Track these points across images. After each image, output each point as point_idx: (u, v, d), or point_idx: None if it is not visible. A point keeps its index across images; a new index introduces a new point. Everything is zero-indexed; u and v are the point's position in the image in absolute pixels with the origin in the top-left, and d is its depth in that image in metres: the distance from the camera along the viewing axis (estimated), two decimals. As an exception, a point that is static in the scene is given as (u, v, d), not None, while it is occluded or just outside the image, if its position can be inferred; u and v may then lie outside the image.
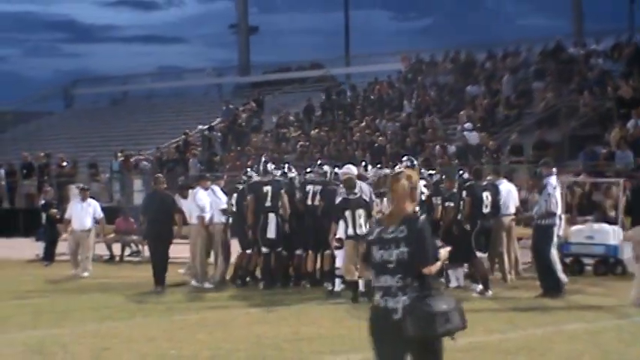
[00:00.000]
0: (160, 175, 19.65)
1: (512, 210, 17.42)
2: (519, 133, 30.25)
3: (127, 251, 24.73)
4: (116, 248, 24.56)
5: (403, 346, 6.36)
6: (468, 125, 31.42)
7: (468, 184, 16.21)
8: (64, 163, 37.38)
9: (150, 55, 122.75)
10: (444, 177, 17.67)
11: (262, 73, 51.89)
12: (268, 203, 16.81)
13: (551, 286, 14.79)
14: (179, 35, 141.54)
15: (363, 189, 15.79)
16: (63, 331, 12.25)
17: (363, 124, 34.71)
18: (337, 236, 15.02)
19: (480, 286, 15.34)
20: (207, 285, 17.13)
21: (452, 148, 30.71)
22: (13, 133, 49.64)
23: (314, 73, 48.44)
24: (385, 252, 6.46)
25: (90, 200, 21.49)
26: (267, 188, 16.93)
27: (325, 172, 17.24)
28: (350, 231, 14.76)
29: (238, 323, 12.92)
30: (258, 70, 51.83)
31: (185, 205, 18.01)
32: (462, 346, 10.58)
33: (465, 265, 16.27)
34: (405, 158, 18.15)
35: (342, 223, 14.90)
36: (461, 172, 17.97)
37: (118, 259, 24.41)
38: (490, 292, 15.20)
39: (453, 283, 16.29)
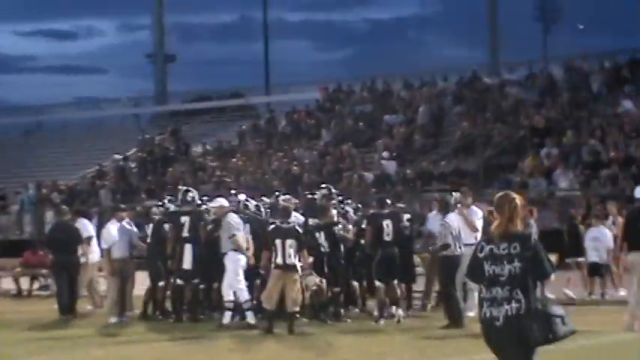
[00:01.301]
0: (63, 206, 19.12)
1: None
2: (434, 162, 30.34)
3: (36, 285, 23.95)
4: (24, 282, 23.79)
5: (511, 349, 6.99)
6: (385, 154, 31.42)
7: (370, 212, 16.12)
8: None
9: (68, 85, 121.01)
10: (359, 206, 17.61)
11: (181, 102, 51.37)
12: (186, 234, 16.40)
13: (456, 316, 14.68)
14: (98, 65, 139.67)
15: (298, 219, 15.62)
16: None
17: (281, 153, 34.49)
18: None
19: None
20: (112, 320, 16.55)
21: (370, 177, 30.64)
22: None
23: (233, 102, 48.10)
24: (497, 267, 7.10)
25: None
26: (185, 218, 16.51)
27: (239, 202, 16.94)
28: (279, 260, 14.48)
29: (140, 359, 12.44)
30: (177, 99, 51.29)
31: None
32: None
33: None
34: (323, 186, 18.02)
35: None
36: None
37: (26, 293, 23.65)
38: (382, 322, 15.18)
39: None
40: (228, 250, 15.36)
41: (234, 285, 15.13)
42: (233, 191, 19.02)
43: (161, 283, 16.75)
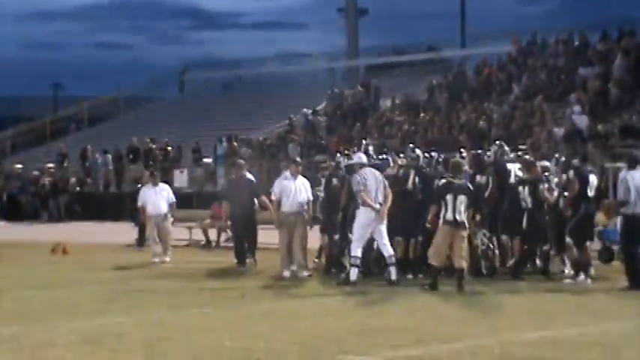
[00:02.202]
0: (241, 160, 19.38)
1: None
2: (630, 117, 28.89)
3: (223, 237, 24.53)
4: (212, 234, 24.45)
5: None
6: (577, 109, 30.23)
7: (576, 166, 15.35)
8: (169, 148, 37.66)
9: (271, 42, 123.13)
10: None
11: (374, 57, 51.04)
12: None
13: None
14: (301, 21, 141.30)
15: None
16: (126, 320, 12.03)
17: (469, 107, 33.84)
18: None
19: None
20: (285, 274, 16.63)
21: (559, 133, 29.59)
22: (123, 119, 50.39)
23: (424, 56, 47.45)
24: None
25: (162, 185, 21.27)
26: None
27: (418, 157, 16.67)
28: (449, 216, 14.13)
29: (306, 314, 12.46)
30: (370, 54, 51.02)
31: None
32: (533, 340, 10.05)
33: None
34: (497, 142, 17.54)
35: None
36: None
37: (214, 244, 24.32)
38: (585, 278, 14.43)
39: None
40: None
41: (361, 241, 14.90)
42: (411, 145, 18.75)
43: (336, 237, 16.70)
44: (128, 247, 23.95)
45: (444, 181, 14.67)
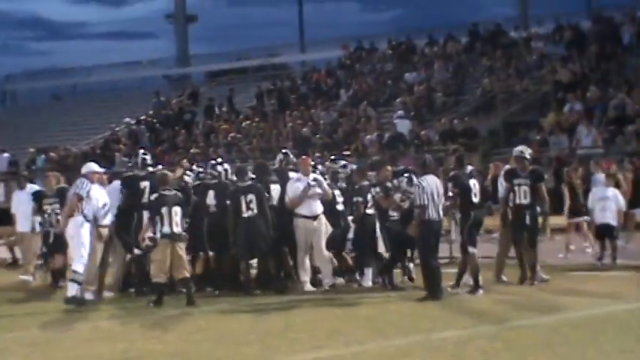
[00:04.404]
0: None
1: None
2: (455, 121, 28.70)
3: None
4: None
5: None
6: (400, 113, 29.94)
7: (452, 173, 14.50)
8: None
9: (114, 51, 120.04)
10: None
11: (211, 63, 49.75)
12: (145, 200, 15.15)
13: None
14: (147, 30, 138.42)
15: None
16: None
17: (295, 114, 33.19)
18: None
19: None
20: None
21: (386, 138, 29.20)
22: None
23: (253, 63, 46.69)
24: None
25: None
26: (145, 183, 15.29)
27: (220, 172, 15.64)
28: (166, 229, 13.46)
29: (75, 340, 11.20)
30: (199, 61, 49.92)
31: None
32: None
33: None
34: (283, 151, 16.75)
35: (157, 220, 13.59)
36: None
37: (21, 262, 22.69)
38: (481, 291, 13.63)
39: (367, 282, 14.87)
40: None
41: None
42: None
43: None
44: None
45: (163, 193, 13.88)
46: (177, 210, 13.55)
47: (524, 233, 14.32)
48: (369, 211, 15.12)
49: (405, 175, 14.75)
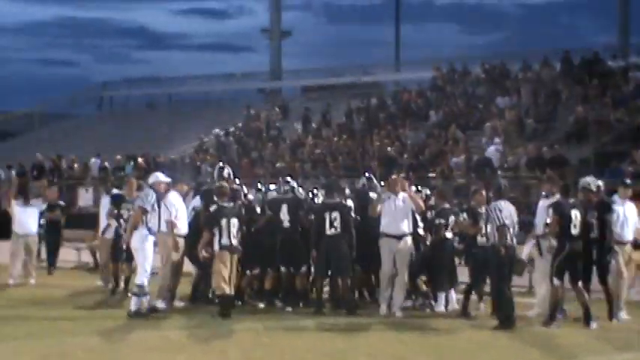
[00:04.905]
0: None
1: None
2: (544, 148, 28.13)
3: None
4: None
5: None
6: (496, 140, 29.46)
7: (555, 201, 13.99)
8: (75, 165, 36.22)
9: (212, 63, 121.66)
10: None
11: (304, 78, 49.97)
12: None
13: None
14: (247, 44, 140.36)
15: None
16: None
17: (382, 133, 32.99)
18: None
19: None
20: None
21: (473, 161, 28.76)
22: (36, 135, 48.76)
23: (345, 80, 46.64)
24: None
25: (35, 202, 20.09)
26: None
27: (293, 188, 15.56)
28: (224, 241, 13.59)
29: (134, 349, 11.18)
30: (291, 76, 50.12)
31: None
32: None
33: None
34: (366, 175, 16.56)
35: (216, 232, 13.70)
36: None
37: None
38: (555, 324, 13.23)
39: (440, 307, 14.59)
40: None
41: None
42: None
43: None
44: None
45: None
46: (234, 222, 13.62)
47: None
48: (448, 235, 14.90)
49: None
